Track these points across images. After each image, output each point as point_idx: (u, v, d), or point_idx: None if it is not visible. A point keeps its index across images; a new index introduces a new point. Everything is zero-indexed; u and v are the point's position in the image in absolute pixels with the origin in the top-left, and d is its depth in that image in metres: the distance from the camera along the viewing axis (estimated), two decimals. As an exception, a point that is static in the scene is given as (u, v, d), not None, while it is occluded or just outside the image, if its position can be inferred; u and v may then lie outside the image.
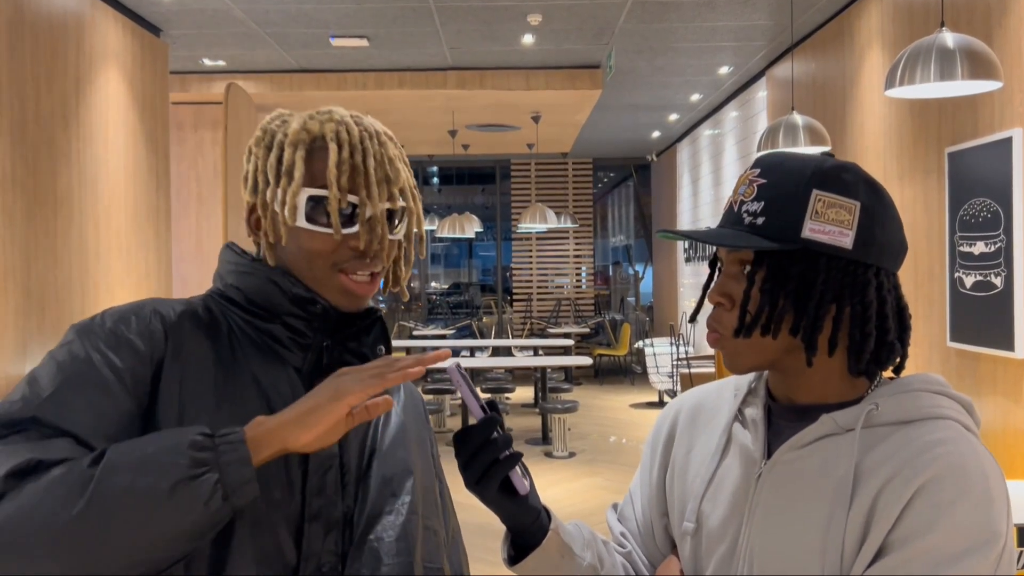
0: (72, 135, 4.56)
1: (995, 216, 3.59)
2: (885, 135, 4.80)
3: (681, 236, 1.02)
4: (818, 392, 0.99)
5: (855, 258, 0.94)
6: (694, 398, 1.15)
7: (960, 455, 0.89)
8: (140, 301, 1.05)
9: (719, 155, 8.81)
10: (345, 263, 1.05)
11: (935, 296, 4.18)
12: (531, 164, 12.58)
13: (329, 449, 1.03)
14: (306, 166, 1.04)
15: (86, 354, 0.97)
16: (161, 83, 5.78)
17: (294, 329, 1.06)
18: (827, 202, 0.93)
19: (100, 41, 4.92)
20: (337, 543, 1.03)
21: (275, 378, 1.04)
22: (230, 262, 1.10)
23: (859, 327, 0.95)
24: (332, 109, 1.10)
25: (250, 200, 1.10)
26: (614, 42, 6.43)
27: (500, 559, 1.07)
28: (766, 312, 0.94)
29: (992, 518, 0.86)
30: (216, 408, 0.99)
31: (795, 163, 0.97)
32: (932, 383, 0.97)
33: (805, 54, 6.09)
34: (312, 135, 1.05)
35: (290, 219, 1.04)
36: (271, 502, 0.99)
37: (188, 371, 1.00)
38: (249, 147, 1.12)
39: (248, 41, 6.29)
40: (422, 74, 7.25)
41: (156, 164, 5.63)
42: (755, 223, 0.95)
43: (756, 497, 0.98)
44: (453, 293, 19.64)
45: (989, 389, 3.72)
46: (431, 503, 1.14)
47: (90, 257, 4.73)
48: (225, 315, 1.07)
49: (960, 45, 2.87)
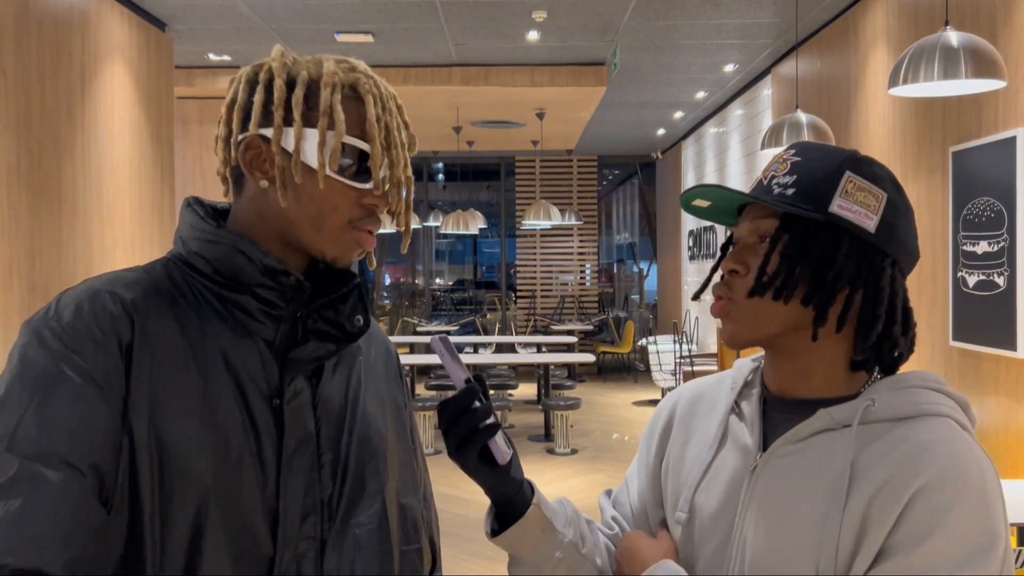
0: (77, 129, 4.58)
1: (998, 215, 3.58)
2: (889, 134, 4.79)
3: (706, 188, 1.01)
4: (815, 385, 0.99)
5: (876, 243, 0.96)
6: (693, 390, 1.15)
7: (957, 455, 0.89)
8: (91, 282, 0.96)
9: (724, 153, 8.80)
10: (359, 220, 1.00)
11: (938, 295, 4.17)
12: (536, 161, 12.58)
13: (304, 428, 0.99)
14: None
15: (48, 362, 0.88)
16: (166, 78, 5.79)
17: (265, 300, 0.99)
18: (857, 184, 0.96)
19: (105, 35, 4.93)
20: (315, 527, 0.98)
21: (244, 353, 0.97)
22: (195, 227, 1.01)
23: (869, 310, 0.96)
24: (349, 59, 1.03)
25: (254, 133, 0.99)
26: (619, 39, 6.42)
27: (500, 555, 1.07)
28: (783, 276, 0.95)
29: (991, 519, 0.87)
30: (188, 395, 0.92)
31: (831, 148, 1.01)
32: (929, 380, 0.97)
33: (810, 52, 6.08)
34: (344, 82, 0.99)
35: (331, 165, 0.97)
36: (242, 489, 0.93)
37: (157, 356, 0.92)
38: (247, 77, 1.02)
39: (253, 36, 6.30)
40: (427, 70, 7.25)
41: (161, 158, 5.64)
42: (785, 193, 0.97)
43: (751, 490, 0.98)
44: (457, 289, 19.65)
45: (991, 389, 3.72)
46: (407, 477, 1.11)
47: (94, 251, 4.74)
48: (189, 283, 0.99)
49: (964, 44, 2.86)
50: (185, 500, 0.90)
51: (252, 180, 1.00)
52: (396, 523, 1.05)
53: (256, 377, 0.97)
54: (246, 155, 0.99)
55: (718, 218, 1.08)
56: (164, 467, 0.89)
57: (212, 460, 0.91)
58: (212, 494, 0.91)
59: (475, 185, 18.46)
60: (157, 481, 0.89)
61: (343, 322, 1.04)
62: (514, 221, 12.68)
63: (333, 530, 1.00)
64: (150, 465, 0.89)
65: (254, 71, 1.02)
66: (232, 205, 1.05)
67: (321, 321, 1.03)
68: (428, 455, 7.10)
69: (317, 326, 1.03)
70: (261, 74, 1.00)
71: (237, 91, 1.01)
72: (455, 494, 5.81)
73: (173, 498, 0.90)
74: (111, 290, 0.94)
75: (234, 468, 0.92)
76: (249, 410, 0.95)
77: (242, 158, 1.00)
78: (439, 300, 17.51)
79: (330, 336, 1.03)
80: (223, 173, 1.04)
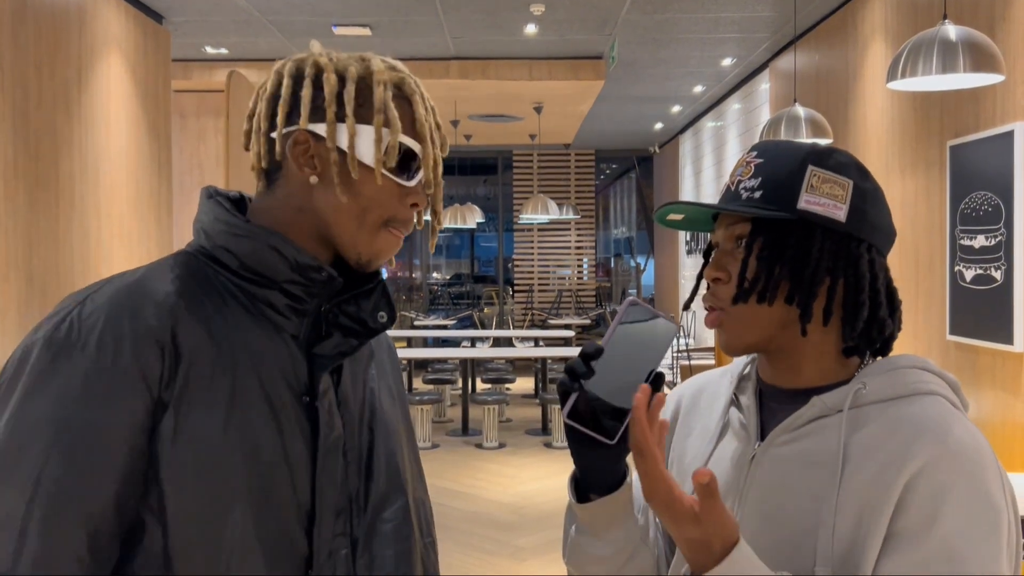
0: (74, 122, 4.57)
1: (996, 210, 3.59)
2: (887, 128, 4.79)
3: (677, 205, 1.04)
4: (809, 375, 1.00)
5: (848, 231, 0.97)
6: (696, 385, 1.17)
7: (951, 433, 0.90)
8: (117, 297, 0.91)
9: (721, 147, 8.80)
10: (397, 221, 1.01)
11: (935, 289, 4.18)
12: (533, 155, 12.57)
13: (336, 425, 0.99)
14: None
15: (85, 421, 0.86)
16: (163, 71, 5.78)
17: (293, 296, 0.99)
18: (822, 177, 0.97)
19: (102, 28, 4.92)
20: (347, 524, 0.99)
21: (273, 350, 0.97)
22: (221, 220, 1.00)
23: (852, 297, 0.97)
24: (387, 59, 1.03)
25: (303, 127, 0.98)
26: (617, 33, 6.42)
27: (499, 549, 1.07)
28: (763, 279, 0.96)
29: (991, 494, 0.88)
30: (216, 402, 0.92)
31: (791, 145, 1.02)
32: (918, 361, 0.99)
33: (808, 46, 6.08)
34: (392, 81, 1.00)
35: (389, 162, 0.97)
36: (273, 490, 0.93)
37: (190, 374, 0.91)
38: (290, 71, 1.01)
39: (250, 29, 6.28)
40: (424, 63, 7.23)
41: (158, 151, 5.63)
42: (752, 197, 0.98)
43: (749, 480, 0.99)
44: (454, 284, 19.64)
45: (988, 383, 3.73)
46: (417, 472, 1.13)
47: (92, 244, 4.74)
48: (214, 278, 0.98)
49: (962, 38, 2.86)
50: (216, 508, 0.90)
51: (301, 175, 0.99)
52: (415, 517, 1.07)
53: (286, 374, 0.96)
54: (295, 150, 0.98)
55: (695, 227, 1.10)
56: (187, 483, 0.89)
57: (242, 467, 0.91)
58: (242, 499, 0.91)
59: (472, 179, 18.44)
60: (189, 494, 0.89)
61: (365, 318, 1.04)
62: (512, 215, 12.67)
63: (363, 527, 1.01)
64: (175, 484, 0.89)
65: (297, 65, 1.01)
66: (258, 199, 1.04)
67: (343, 316, 1.03)
68: (425, 448, 7.11)
69: (339, 321, 1.03)
70: (307, 68, 0.99)
71: (280, 85, 1.00)
72: (453, 488, 5.81)
73: (205, 508, 0.90)
74: (145, 306, 0.91)
75: (265, 470, 0.92)
76: (280, 410, 0.95)
77: (291, 153, 0.99)
78: (436, 294, 17.50)
79: (352, 331, 1.03)
80: (262, 167, 1.02)
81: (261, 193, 1.04)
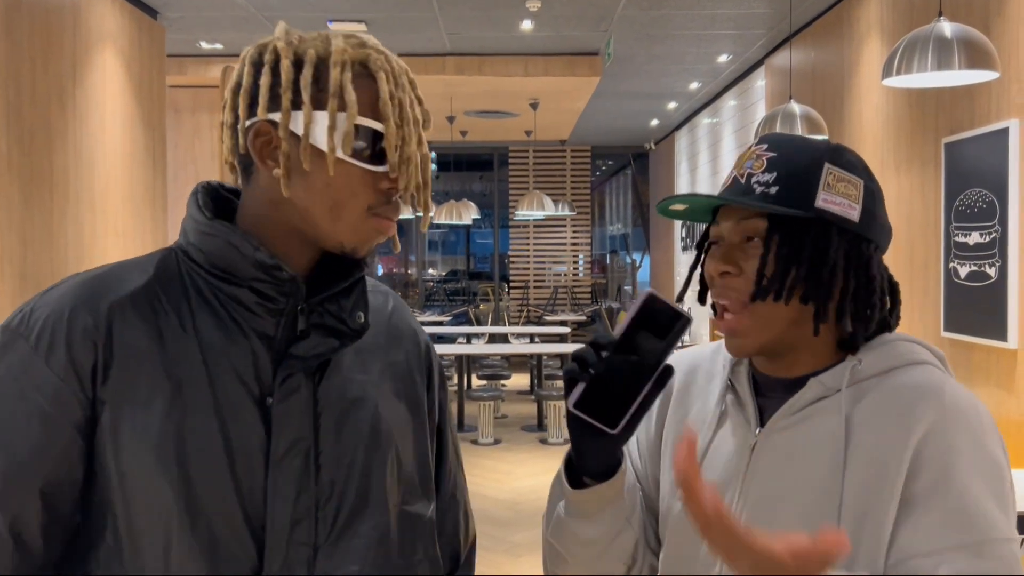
0: (68, 117, 4.55)
1: (990, 207, 3.60)
2: (883, 125, 4.80)
3: (689, 200, 1.01)
4: (805, 366, 1.00)
5: (860, 232, 0.98)
6: (687, 361, 1.14)
7: (949, 396, 0.93)
8: (68, 291, 0.93)
9: (717, 144, 8.80)
10: (378, 207, 0.95)
11: (930, 286, 4.19)
12: (529, 151, 12.56)
13: (297, 428, 0.94)
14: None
15: (9, 411, 0.87)
16: (158, 66, 5.76)
17: (262, 294, 0.94)
18: (837, 176, 0.97)
19: (97, 23, 4.90)
20: (309, 534, 0.93)
21: (233, 352, 0.93)
22: (191, 217, 0.97)
23: (865, 297, 0.98)
24: (357, 35, 0.97)
25: (262, 118, 0.93)
26: (613, 29, 6.41)
27: (494, 545, 1.05)
28: (781, 277, 0.95)
29: (993, 450, 0.91)
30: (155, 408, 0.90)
31: (805, 141, 1.02)
32: (901, 335, 1.01)
33: (804, 43, 6.08)
34: (354, 59, 0.93)
35: (344, 149, 0.91)
36: (214, 496, 0.89)
37: (128, 372, 0.90)
38: (252, 59, 0.96)
39: (246, 24, 6.26)
40: (420, 59, 7.22)
41: (153, 147, 5.61)
42: (768, 192, 0.97)
43: (751, 467, 0.99)
44: (450, 280, 19.64)
45: (982, 379, 3.74)
46: (420, 483, 1.05)
47: (86, 239, 4.72)
48: (183, 275, 0.96)
49: (958, 35, 2.87)
50: (149, 516, 0.88)
51: (264, 169, 0.94)
52: (397, 535, 1.01)
53: (244, 376, 0.92)
54: (256, 142, 0.94)
55: (695, 217, 1.07)
56: (127, 485, 0.88)
57: (176, 469, 0.88)
58: (179, 502, 0.88)
59: (468, 175, 18.43)
60: (122, 500, 0.89)
61: (345, 317, 0.99)
62: (507, 211, 12.67)
63: (330, 539, 0.95)
64: (117, 485, 0.88)
65: (258, 52, 0.96)
66: (243, 194, 1.00)
67: (327, 315, 0.98)
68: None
69: (323, 320, 0.98)
70: (266, 55, 0.94)
71: (242, 74, 0.96)
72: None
73: (138, 515, 0.88)
74: (87, 303, 0.91)
75: (204, 473, 0.89)
76: (230, 412, 0.91)
77: (252, 145, 0.94)
78: (432, 291, 17.50)
79: (335, 331, 0.98)
80: (231, 161, 0.98)
81: (243, 189, 1.00)
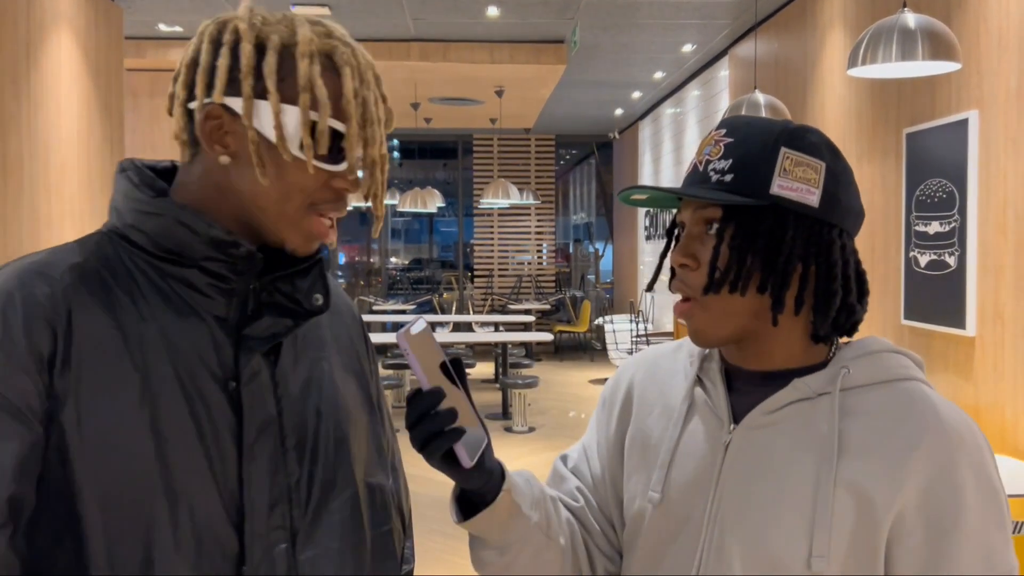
0: (22, 100, 4.43)
1: (950, 196, 3.65)
2: (845, 115, 4.85)
3: (649, 190, 0.99)
4: (779, 359, 0.98)
5: (821, 217, 0.94)
6: (647, 361, 1.13)
7: (941, 414, 0.92)
8: (11, 276, 0.86)
9: (681, 134, 8.84)
10: (324, 204, 0.92)
11: (890, 274, 4.25)
12: (494, 139, 12.52)
13: (266, 411, 0.92)
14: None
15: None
16: (115, 49, 5.64)
17: (213, 273, 0.91)
18: (795, 160, 0.94)
19: (51, 4, 4.78)
20: (285, 517, 0.91)
21: (191, 335, 0.89)
22: (129, 197, 0.92)
23: (825, 286, 0.95)
24: (323, 22, 0.93)
25: (217, 101, 0.89)
26: (579, 17, 6.40)
27: (460, 532, 1.03)
28: (735, 268, 0.93)
29: (993, 478, 0.91)
30: (122, 395, 0.85)
31: (762, 123, 0.97)
32: (886, 345, 0.99)
33: (768, 33, 6.12)
34: (321, 51, 0.89)
35: (320, 148, 0.88)
36: (193, 485, 0.86)
37: (87, 358, 0.85)
38: (211, 35, 0.91)
39: (206, 7, 6.15)
40: (384, 45, 7.15)
41: (110, 131, 5.50)
42: (723, 180, 0.94)
43: (725, 465, 0.97)
44: (413, 269, 19.55)
45: (941, 366, 3.80)
46: (374, 453, 1.05)
47: (41, 224, 4.62)
48: (125, 259, 0.90)
49: (921, 26, 2.90)
50: (129, 508, 0.84)
51: (211, 154, 0.90)
52: (366, 507, 1.00)
53: (207, 360, 0.89)
54: (206, 125, 0.89)
55: (659, 204, 1.05)
56: (101, 478, 0.83)
57: (153, 459, 0.85)
58: (157, 494, 0.84)
59: (432, 163, 18.34)
60: (96, 493, 0.83)
61: (300, 299, 0.96)
62: (471, 200, 12.63)
63: (306, 519, 0.93)
64: (89, 477, 0.83)
65: (218, 29, 0.90)
66: (182, 171, 0.95)
67: (278, 294, 0.95)
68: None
69: (274, 299, 0.95)
70: (226, 35, 0.89)
71: (199, 50, 0.90)
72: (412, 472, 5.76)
73: (116, 508, 0.84)
74: (31, 288, 0.85)
75: (180, 462, 0.86)
76: (198, 398, 0.88)
77: (201, 129, 0.89)
78: (395, 279, 17.41)
79: (287, 311, 0.95)
80: (183, 138, 0.94)
81: (184, 166, 0.95)
